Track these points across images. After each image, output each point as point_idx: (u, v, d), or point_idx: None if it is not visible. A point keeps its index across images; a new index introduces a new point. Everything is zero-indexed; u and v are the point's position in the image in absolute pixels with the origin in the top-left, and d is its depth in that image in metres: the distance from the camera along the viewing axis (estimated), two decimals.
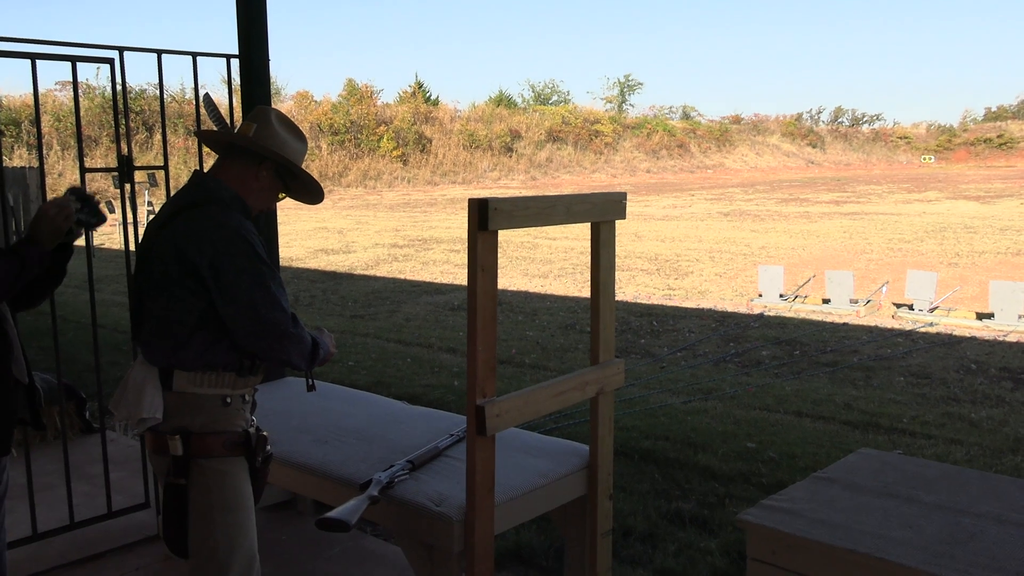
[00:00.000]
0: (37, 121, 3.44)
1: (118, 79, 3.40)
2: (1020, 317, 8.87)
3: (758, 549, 2.26)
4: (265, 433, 2.38)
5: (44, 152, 30.44)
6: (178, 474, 2.23)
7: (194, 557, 2.26)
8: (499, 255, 2.34)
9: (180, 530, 2.27)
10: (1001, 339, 8.36)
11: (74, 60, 3.33)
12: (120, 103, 3.45)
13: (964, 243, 16.15)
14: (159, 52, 3.53)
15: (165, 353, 2.22)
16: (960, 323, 9.10)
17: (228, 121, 2.44)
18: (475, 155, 45.51)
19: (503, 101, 56.30)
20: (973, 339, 8.39)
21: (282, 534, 3.72)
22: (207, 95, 2.53)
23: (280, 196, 2.44)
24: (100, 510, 3.67)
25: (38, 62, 3.25)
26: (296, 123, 2.44)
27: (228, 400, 2.26)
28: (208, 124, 2.66)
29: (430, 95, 51.07)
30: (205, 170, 2.44)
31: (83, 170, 3.47)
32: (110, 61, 3.38)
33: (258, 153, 2.31)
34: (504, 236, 16.93)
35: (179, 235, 2.19)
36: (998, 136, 65.41)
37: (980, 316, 9.23)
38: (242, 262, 2.16)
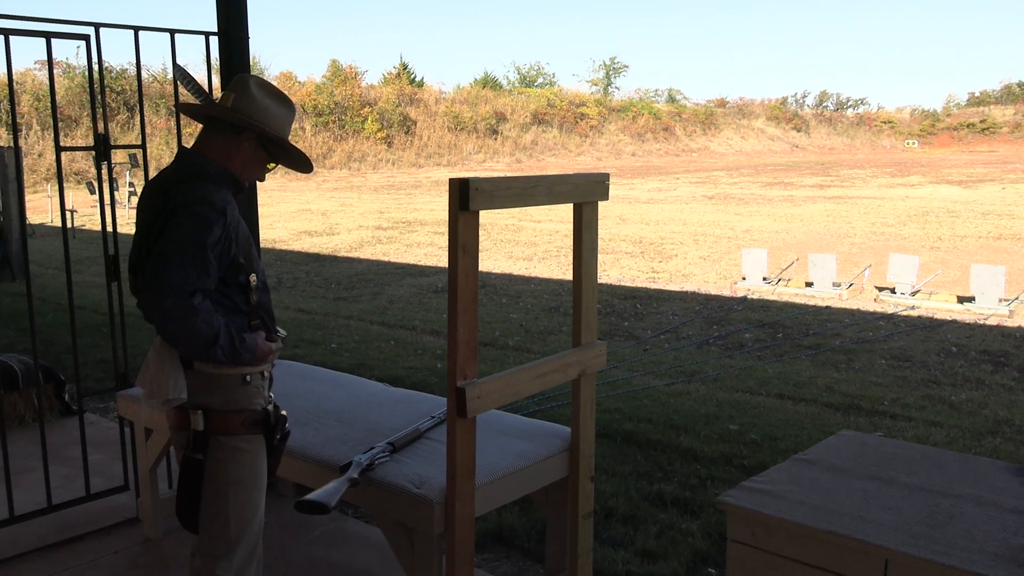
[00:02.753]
0: (11, 99, 3.38)
1: (94, 56, 3.34)
2: (1000, 301, 8.94)
3: (738, 531, 2.26)
4: (284, 412, 2.39)
5: (24, 132, 30.00)
6: (196, 448, 2.25)
7: (204, 531, 2.30)
8: (484, 237, 2.32)
9: (193, 504, 2.30)
10: (981, 322, 8.43)
11: (48, 36, 3.27)
12: (96, 81, 3.39)
13: (946, 227, 16.24)
14: (136, 29, 3.47)
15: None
16: (941, 306, 9.16)
17: (208, 94, 2.40)
18: (460, 137, 45.33)
19: (488, 83, 56.07)
20: (954, 322, 8.45)
21: (263, 516, 3.70)
22: (180, 68, 2.49)
23: (269, 166, 2.39)
24: (79, 493, 3.64)
25: (12, 39, 3.19)
26: (285, 96, 2.38)
27: (248, 379, 2.26)
28: (190, 98, 2.61)
29: (415, 76, 50.81)
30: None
31: (59, 149, 3.41)
32: (86, 38, 3.32)
33: (236, 124, 2.26)
34: (488, 218, 16.88)
35: (159, 209, 2.18)
36: (981, 121, 65.75)
37: (961, 300, 9.29)
38: (186, 229, 2.09)
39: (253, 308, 2.30)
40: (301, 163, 2.44)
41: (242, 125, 2.26)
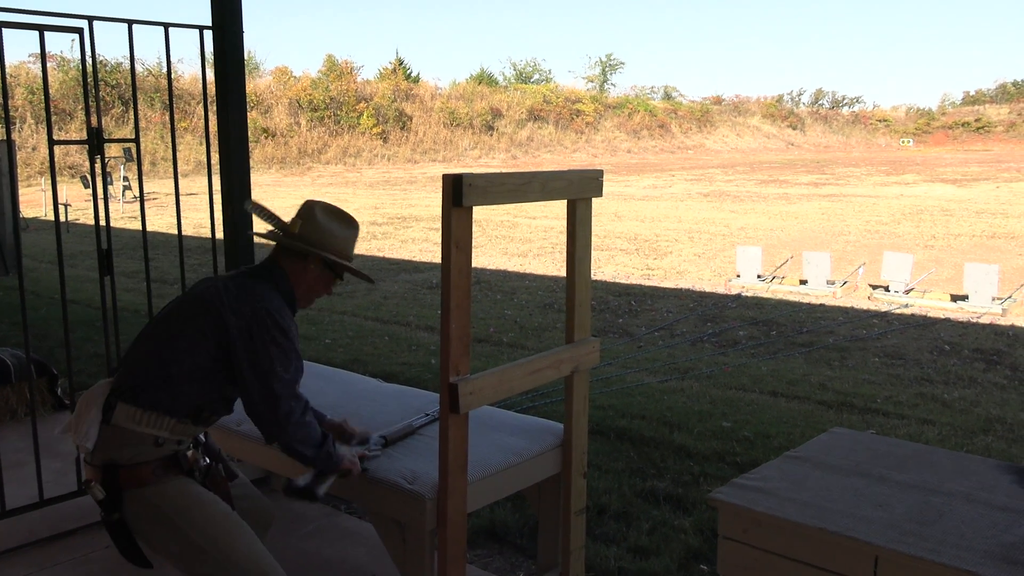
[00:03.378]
0: (4, 92, 3.36)
1: (88, 49, 3.33)
2: (993, 299, 8.96)
3: (729, 527, 2.26)
4: (190, 451, 2.37)
5: (18, 125, 29.77)
6: (109, 511, 2.27)
7: (186, 563, 2.26)
8: (478, 233, 2.34)
9: (135, 552, 2.32)
10: (974, 321, 8.45)
11: (41, 29, 3.26)
12: (90, 74, 3.38)
13: (940, 226, 16.28)
14: (129, 22, 3.46)
15: (125, 382, 2.26)
16: (935, 305, 9.18)
17: (279, 219, 2.53)
18: (456, 133, 45.26)
19: (484, 79, 55.97)
20: (947, 321, 8.47)
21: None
22: (254, 202, 2.55)
23: (336, 282, 2.54)
24: (71, 487, 3.62)
25: (5, 31, 3.17)
26: (341, 208, 2.55)
27: (160, 441, 2.26)
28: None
29: (411, 72, 50.73)
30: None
31: (51, 142, 3.40)
32: (79, 31, 3.31)
33: (303, 251, 2.41)
34: (483, 214, 16.87)
35: (212, 300, 2.30)
36: (976, 120, 65.81)
37: (955, 298, 9.31)
38: (273, 335, 2.28)
39: (224, 402, 2.41)
40: (363, 278, 2.62)
41: (309, 253, 2.41)
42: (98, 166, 3.46)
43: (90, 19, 3.34)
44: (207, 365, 2.27)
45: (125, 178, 22.27)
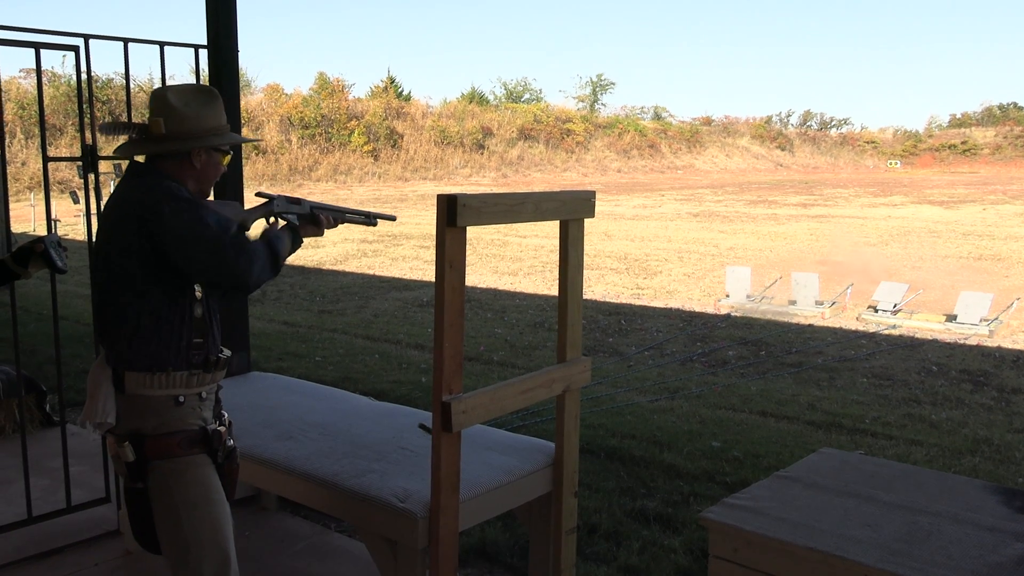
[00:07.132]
0: None
1: (83, 67, 3.35)
2: (981, 320, 9.03)
3: (720, 547, 2.28)
4: (221, 428, 2.29)
5: (7, 140, 29.69)
6: (135, 479, 2.21)
7: (167, 556, 2.25)
8: (469, 252, 2.34)
9: (147, 529, 2.26)
10: (962, 342, 8.51)
11: (37, 47, 3.28)
12: (85, 92, 3.39)
13: (928, 247, 16.40)
14: (125, 40, 3.48)
15: (114, 354, 2.20)
16: (922, 326, 9.24)
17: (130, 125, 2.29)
18: (447, 151, 45.41)
19: (475, 98, 56.25)
20: (935, 342, 8.52)
21: (247, 530, 3.69)
22: (99, 126, 2.42)
23: (225, 161, 2.35)
24: (59, 504, 3.61)
25: (0, 48, 3.19)
26: (202, 86, 2.33)
27: (181, 399, 2.20)
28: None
29: (402, 90, 50.95)
30: None
31: (45, 159, 3.41)
32: (75, 49, 3.33)
33: (180, 150, 2.23)
34: (474, 233, 16.89)
35: (109, 220, 2.18)
36: (962, 142, 66.44)
37: (947, 319, 9.37)
38: (182, 214, 2.11)
39: (197, 322, 2.23)
40: (252, 140, 2.57)
41: (188, 150, 2.23)
42: (91, 182, 3.47)
43: (86, 37, 3.36)
44: (153, 289, 2.14)
45: None
